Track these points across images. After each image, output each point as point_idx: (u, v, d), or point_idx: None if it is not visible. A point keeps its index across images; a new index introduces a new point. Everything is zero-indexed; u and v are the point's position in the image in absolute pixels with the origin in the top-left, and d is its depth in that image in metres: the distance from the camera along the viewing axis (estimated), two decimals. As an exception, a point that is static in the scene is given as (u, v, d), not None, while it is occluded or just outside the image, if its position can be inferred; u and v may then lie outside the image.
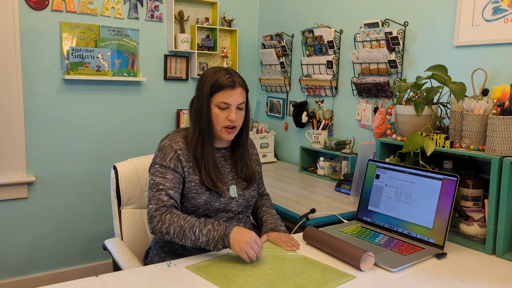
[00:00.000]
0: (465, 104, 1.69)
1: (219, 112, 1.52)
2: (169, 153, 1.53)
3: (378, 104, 2.44)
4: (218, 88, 1.50)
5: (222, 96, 1.50)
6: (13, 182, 2.62)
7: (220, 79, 1.50)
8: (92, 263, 2.96)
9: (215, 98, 1.51)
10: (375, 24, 2.36)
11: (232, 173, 1.62)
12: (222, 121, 1.52)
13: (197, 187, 1.53)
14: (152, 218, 1.45)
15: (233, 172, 1.63)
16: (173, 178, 1.50)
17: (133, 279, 1.27)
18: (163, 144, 1.56)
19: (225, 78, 1.51)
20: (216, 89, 1.50)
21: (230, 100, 1.51)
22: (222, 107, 1.51)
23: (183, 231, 1.39)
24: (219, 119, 1.52)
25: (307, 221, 1.82)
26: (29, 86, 2.64)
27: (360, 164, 2.04)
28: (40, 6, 2.62)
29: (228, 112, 1.52)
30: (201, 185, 1.53)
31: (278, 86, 3.19)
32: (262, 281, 1.27)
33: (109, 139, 2.93)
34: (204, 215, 1.54)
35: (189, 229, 1.39)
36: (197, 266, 1.37)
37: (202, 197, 1.53)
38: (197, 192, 1.53)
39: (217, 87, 1.50)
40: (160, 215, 1.43)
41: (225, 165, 1.62)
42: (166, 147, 1.54)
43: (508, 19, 1.81)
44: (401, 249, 1.51)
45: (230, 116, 1.51)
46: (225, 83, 1.50)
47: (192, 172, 1.54)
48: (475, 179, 1.72)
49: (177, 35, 3.04)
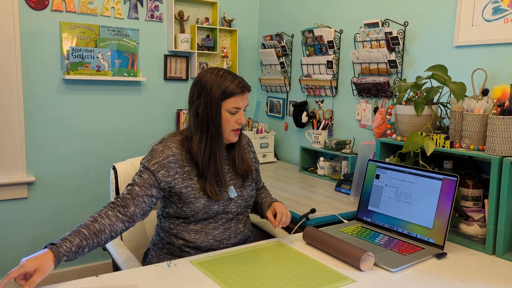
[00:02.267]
0: (465, 104, 1.69)
1: (230, 117, 1.51)
2: (156, 157, 1.49)
3: (378, 104, 2.44)
4: (230, 95, 1.49)
5: (234, 101, 1.50)
6: (13, 182, 2.62)
7: (230, 85, 1.49)
8: (92, 263, 2.96)
9: (227, 103, 1.50)
10: (375, 24, 2.36)
11: (230, 173, 1.62)
12: (232, 125, 1.53)
13: (194, 192, 1.50)
14: None
15: (231, 171, 1.62)
16: (147, 178, 1.46)
17: (133, 279, 1.27)
18: (155, 148, 1.54)
19: (235, 84, 1.50)
20: (228, 95, 1.49)
21: (241, 105, 1.52)
22: (233, 112, 1.51)
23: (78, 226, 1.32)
24: (230, 123, 1.52)
25: (307, 221, 1.82)
26: (29, 86, 2.64)
27: (360, 164, 2.04)
28: (40, 6, 2.62)
29: (238, 116, 1.53)
30: (199, 190, 1.51)
31: (278, 86, 3.19)
32: (263, 281, 1.27)
33: (109, 139, 2.93)
34: (204, 219, 1.53)
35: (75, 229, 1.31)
36: (200, 261, 1.39)
37: (201, 201, 1.51)
38: (195, 196, 1.50)
39: (229, 93, 1.49)
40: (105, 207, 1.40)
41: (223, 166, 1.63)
42: (157, 152, 1.51)
43: (508, 19, 1.81)
44: (401, 249, 1.51)
45: (241, 119, 1.53)
46: (237, 90, 1.50)
47: (187, 177, 1.51)
48: (475, 179, 1.72)
49: (177, 35, 3.04)
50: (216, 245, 1.55)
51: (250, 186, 1.66)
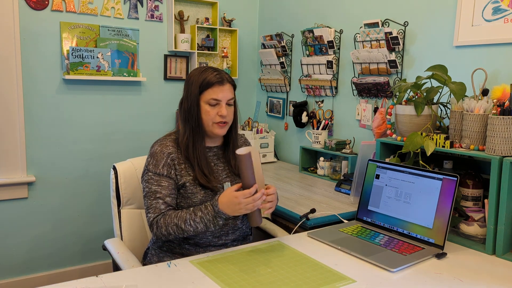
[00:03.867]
0: (465, 104, 1.69)
1: (210, 109, 1.54)
2: (161, 159, 1.54)
3: (378, 104, 2.44)
4: (207, 86, 1.53)
5: (212, 92, 1.53)
6: (13, 182, 2.62)
7: (208, 76, 1.53)
8: (92, 263, 2.96)
9: (205, 95, 1.54)
10: (375, 24, 2.36)
11: (226, 171, 1.64)
12: (213, 117, 1.54)
13: (192, 187, 1.54)
14: (151, 226, 1.50)
15: (227, 170, 1.65)
16: (168, 185, 1.53)
17: (133, 279, 1.27)
18: (153, 150, 1.58)
19: (213, 75, 1.53)
20: (205, 87, 1.53)
21: (220, 96, 1.53)
22: (212, 104, 1.54)
23: (180, 228, 1.44)
24: (210, 115, 1.54)
25: (307, 221, 1.82)
26: (29, 86, 2.64)
27: (360, 164, 2.04)
28: (40, 6, 2.62)
29: (218, 108, 1.54)
30: (196, 185, 1.54)
31: (278, 86, 3.19)
32: (263, 281, 1.27)
33: (109, 139, 2.93)
34: None
35: (184, 224, 1.44)
36: (200, 261, 1.39)
37: (198, 196, 1.54)
38: (192, 192, 1.54)
39: (206, 84, 1.53)
40: (156, 222, 1.48)
41: (218, 164, 1.64)
42: (158, 153, 1.55)
43: (508, 19, 1.81)
44: (401, 249, 1.51)
45: (221, 111, 1.53)
46: (213, 80, 1.53)
47: (185, 173, 1.55)
48: (475, 179, 1.72)
49: (177, 35, 3.04)
50: (214, 241, 1.56)
51: None
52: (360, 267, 1.39)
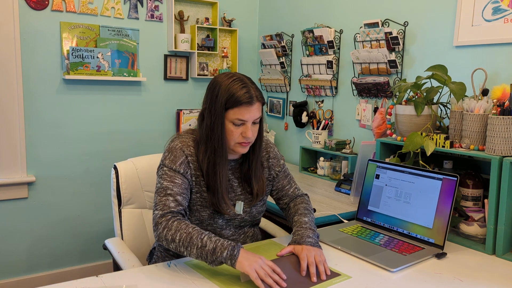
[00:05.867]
0: (465, 104, 1.69)
1: (234, 129, 1.39)
2: (179, 156, 1.42)
3: (378, 104, 2.44)
4: (234, 104, 1.36)
5: (238, 112, 1.37)
6: (13, 182, 2.62)
7: (236, 93, 1.36)
8: (92, 263, 2.96)
9: (230, 114, 1.38)
10: (375, 24, 2.36)
11: (240, 187, 1.52)
12: (236, 138, 1.40)
13: (202, 200, 1.45)
14: (157, 225, 1.34)
15: (241, 187, 1.52)
16: (182, 183, 1.40)
17: (133, 279, 1.27)
18: (173, 145, 1.45)
19: (242, 93, 1.36)
20: (232, 105, 1.36)
21: (246, 117, 1.38)
22: (237, 124, 1.39)
23: (190, 237, 1.27)
24: (233, 136, 1.40)
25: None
26: (29, 86, 2.64)
27: (360, 164, 2.04)
28: (40, 6, 2.62)
29: (243, 128, 1.39)
30: (205, 203, 1.45)
31: (278, 86, 3.19)
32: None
33: (109, 139, 2.93)
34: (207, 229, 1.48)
35: (197, 236, 1.28)
36: (195, 262, 1.38)
37: (207, 211, 1.46)
38: (202, 205, 1.46)
39: (233, 102, 1.36)
40: (166, 221, 1.33)
41: (233, 180, 1.52)
42: (177, 150, 1.43)
43: (508, 19, 1.81)
44: (401, 249, 1.51)
45: (246, 133, 1.39)
46: (242, 100, 1.36)
47: (199, 183, 1.45)
48: (475, 179, 1.72)
49: (177, 35, 3.04)
50: None
51: (261, 201, 1.57)
52: (360, 267, 1.39)
